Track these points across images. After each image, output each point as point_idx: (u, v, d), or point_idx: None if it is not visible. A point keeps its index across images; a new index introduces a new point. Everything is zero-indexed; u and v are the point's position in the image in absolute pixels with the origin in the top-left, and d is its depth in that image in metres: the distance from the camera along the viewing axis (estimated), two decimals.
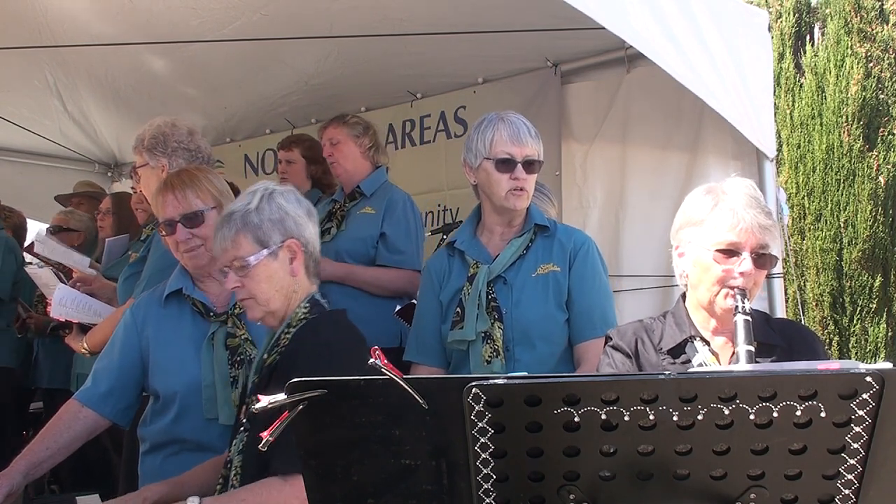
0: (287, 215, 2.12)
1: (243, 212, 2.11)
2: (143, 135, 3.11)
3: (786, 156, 6.77)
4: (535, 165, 2.65)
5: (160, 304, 2.61)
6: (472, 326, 2.59)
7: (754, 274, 1.94)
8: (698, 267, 2.00)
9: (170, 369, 2.53)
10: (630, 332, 2.08)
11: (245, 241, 2.09)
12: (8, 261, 4.91)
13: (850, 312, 6.54)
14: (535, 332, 2.59)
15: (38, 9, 4.27)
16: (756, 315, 2.05)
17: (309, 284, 2.17)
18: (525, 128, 2.64)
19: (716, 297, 1.97)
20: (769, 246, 1.96)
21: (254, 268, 2.08)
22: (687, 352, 2.02)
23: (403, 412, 1.16)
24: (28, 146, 6.19)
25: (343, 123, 3.87)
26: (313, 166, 4.27)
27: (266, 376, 2.08)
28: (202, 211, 2.54)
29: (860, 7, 6.74)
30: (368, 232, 3.70)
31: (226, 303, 2.58)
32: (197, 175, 2.62)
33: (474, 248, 2.72)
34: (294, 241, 2.11)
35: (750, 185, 2.02)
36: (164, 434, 2.53)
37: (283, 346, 2.08)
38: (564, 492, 1.17)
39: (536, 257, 2.66)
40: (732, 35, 3.14)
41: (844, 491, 1.14)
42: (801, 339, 2.04)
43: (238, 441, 2.09)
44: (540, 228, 2.71)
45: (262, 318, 2.15)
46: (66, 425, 2.48)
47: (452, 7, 3.91)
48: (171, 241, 2.57)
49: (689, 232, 2.03)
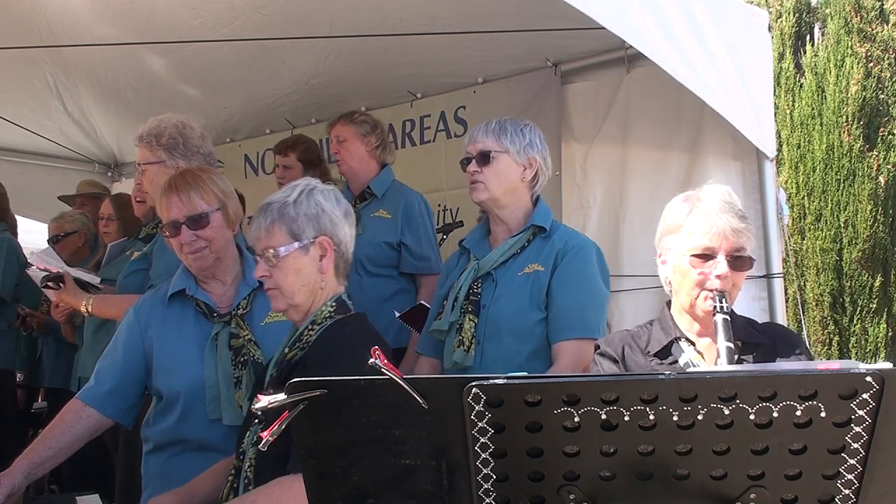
0: (323, 212, 2.13)
1: (281, 203, 2.13)
2: (157, 131, 3.06)
3: (786, 156, 6.78)
4: (488, 157, 2.68)
5: (164, 305, 2.60)
6: (447, 317, 2.69)
7: (731, 276, 2.01)
8: (678, 272, 2.08)
9: (173, 369, 2.53)
10: (617, 340, 2.16)
11: (279, 231, 2.11)
12: (10, 262, 4.90)
13: (850, 312, 6.54)
14: (506, 328, 2.61)
15: (38, 9, 4.27)
16: (741, 319, 2.14)
17: (336, 284, 2.19)
18: (485, 125, 2.74)
19: (696, 301, 2.04)
20: (744, 248, 2.03)
21: (283, 259, 2.09)
22: (673, 352, 2.08)
23: (403, 412, 1.16)
24: (28, 146, 6.19)
25: (351, 121, 3.89)
26: (311, 170, 4.27)
27: (286, 371, 2.08)
28: (207, 213, 2.53)
29: (860, 7, 6.74)
30: (386, 238, 3.73)
31: (229, 303, 2.58)
32: (201, 176, 2.61)
33: (479, 248, 2.80)
34: (326, 238, 2.13)
35: (725, 192, 2.10)
36: (168, 434, 2.53)
37: (305, 342, 2.09)
38: (564, 492, 1.17)
39: (528, 257, 2.69)
40: (732, 35, 3.14)
41: (844, 491, 1.14)
42: (784, 336, 2.11)
43: (252, 433, 2.09)
44: (538, 230, 2.73)
45: (286, 311, 2.17)
46: (68, 425, 2.48)
47: (452, 7, 3.91)
48: (176, 242, 2.56)
49: (668, 239, 2.12)
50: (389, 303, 3.71)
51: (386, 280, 3.77)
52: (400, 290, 3.80)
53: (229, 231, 2.61)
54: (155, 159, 3.05)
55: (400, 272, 3.79)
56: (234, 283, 2.63)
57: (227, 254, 2.61)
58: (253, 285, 2.58)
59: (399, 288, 3.80)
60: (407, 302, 3.73)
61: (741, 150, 3.52)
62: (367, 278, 3.74)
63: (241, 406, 2.42)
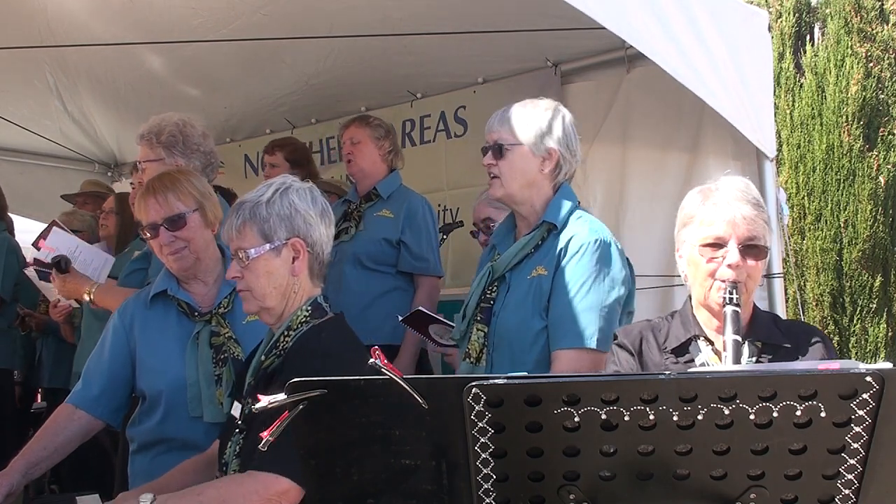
0: (297, 213, 2.07)
1: (254, 203, 2.07)
2: (157, 129, 3.07)
3: (786, 156, 6.77)
4: (503, 149, 2.49)
5: (146, 306, 2.63)
6: (458, 326, 2.60)
7: (745, 266, 1.94)
8: (691, 264, 2.02)
9: (155, 369, 2.56)
10: (636, 331, 2.10)
11: (250, 232, 2.05)
12: (10, 262, 4.90)
13: (850, 312, 6.53)
14: (511, 339, 2.46)
15: (38, 9, 4.26)
16: (766, 316, 2.08)
17: (311, 287, 2.13)
18: (499, 115, 2.54)
19: (709, 292, 1.98)
20: (757, 237, 1.96)
21: (253, 261, 2.05)
22: (690, 351, 2.02)
23: (403, 412, 1.15)
24: (28, 146, 6.18)
25: (367, 125, 3.94)
26: (297, 169, 4.28)
27: (263, 379, 2.06)
28: (184, 214, 2.56)
29: (860, 7, 6.73)
30: (386, 235, 3.76)
31: (211, 303, 2.61)
32: (178, 178, 2.63)
33: (505, 244, 2.62)
34: (299, 240, 2.06)
35: (741, 181, 2.04)
36: (152, 433, 2.56)
37: (282, 349, 2.06)
38: (564, 492, 1.17)
39: (538, 258, 2.49)
40: (732, 35, 3.13)
41: (844, 491, 1.14)
42: (807, 339, 2.01)
43: (233, 444, 2.07)
44: (551, 226, 2.50)
45: (258, 314, 2.14)
46: (61, 427, 2.51)
47: (452, 7, 3.91)
48: (155, 244, 2.59)
49: (684, 232, 2.06)
50: (384, 299, 3.75)
51: (383, 276, 3.80)
52: (396, 287, 3.82)
53: (208, 231, 2.62)
54: (154, 157, 3.07)
55: (398, 270, 3.80)
56: (217, 282, 2.65)
57: (207, 254, 2.62)
58: (234, 284, 2.59)
59: (396, 285, 3.82)
60: (402, 299, 3.75)
61: (741, 150, 3.51)
62: (365, 273, 3.77)
63: (221, 403, 2.45)
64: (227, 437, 2.14)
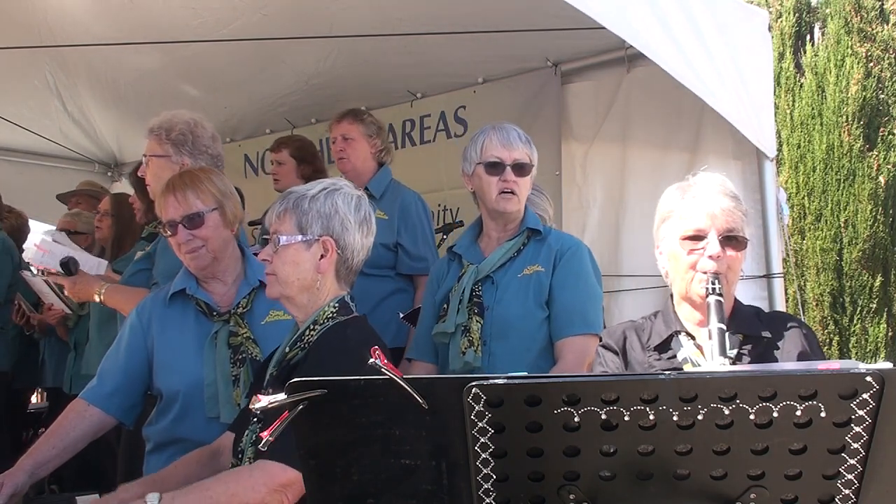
0: (336, 214, 2.13)
1: (300, 195, 2.14)
2: (168, 125, 3.05)
3: (786, 156, 6.77)
4: (526, 168, 2.75)
5: (165, 305, 2.62)
6: (453, 319, 2.71)
7: (725, 257, 1.97)
8: (672, 259, 2.05)
9: (173, 368, 2.55)
10: (619, 331, 2.14)
11: (288, 220, 2.12)
12: (4, 262, 4.88)
13: (850, 312, 6.54)
14: (513, 328, 2.68)
15: (38, 9, 4.27)
16: (748, 310, 2.11)
17: (337, 287, 2.18)
18: (515, 133, 2.77)
19: (690, 285, 2.01)
20: (736, 229, 2.00)
21: (284, 247, 2.11)
22: (672, 347, 2.05)
23: (403, 412, 1.15)
24: (28, 146, 6.18)
25: (360, 121, 3.88)
26: (303, 166, 4.27)
27: (286, 371, 2.09)
28: (202, 212, 2.55)
29: (860, 7, 6.74)
30: (382, 240, 3.71)
31: (229, 303, 2.59)
32: (199, 176, 2.63)
33: (471, 253, 2.85)
34: (331, 239, 2.12)
35: (718, 176, 2.08)
36: (167, 433, 2.54)
37: (307, 342, 2.10)
38: (564, 492, 1.17)
39: (525, 259, 2.75)
40: (732, 35, 3.14)
41: (844, 491, 1.14)
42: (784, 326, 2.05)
43: (251, 433, 2.10)
44: (532, 232, 2.80)
45: (282, 302, 2.17)
46: (72, 424, 2.49)
47: (452, 7, 3.91)
48: (174, 242, 2.58)
49: (663, 228, 2.09)
50: (387, 302, 3.72)
51: (383, 280, 3.77)
52: (397, 289, 3.80)
53: (227, 231, 2.61)
54: (161, 153, 3.05)
55: (397, 273, 3.79)
56: (236, 282, 2.64)
57: (225, 253, 2.61)
58: (254, 284, 2.60)
59: (396, 288, 3.80)
60: (405, 301, 3.74)
61: (741, 150, 3.52)
62: (364, 279, 3.74)
63: (238, 404, 2.43)
64: (242, 427, 2.16)
